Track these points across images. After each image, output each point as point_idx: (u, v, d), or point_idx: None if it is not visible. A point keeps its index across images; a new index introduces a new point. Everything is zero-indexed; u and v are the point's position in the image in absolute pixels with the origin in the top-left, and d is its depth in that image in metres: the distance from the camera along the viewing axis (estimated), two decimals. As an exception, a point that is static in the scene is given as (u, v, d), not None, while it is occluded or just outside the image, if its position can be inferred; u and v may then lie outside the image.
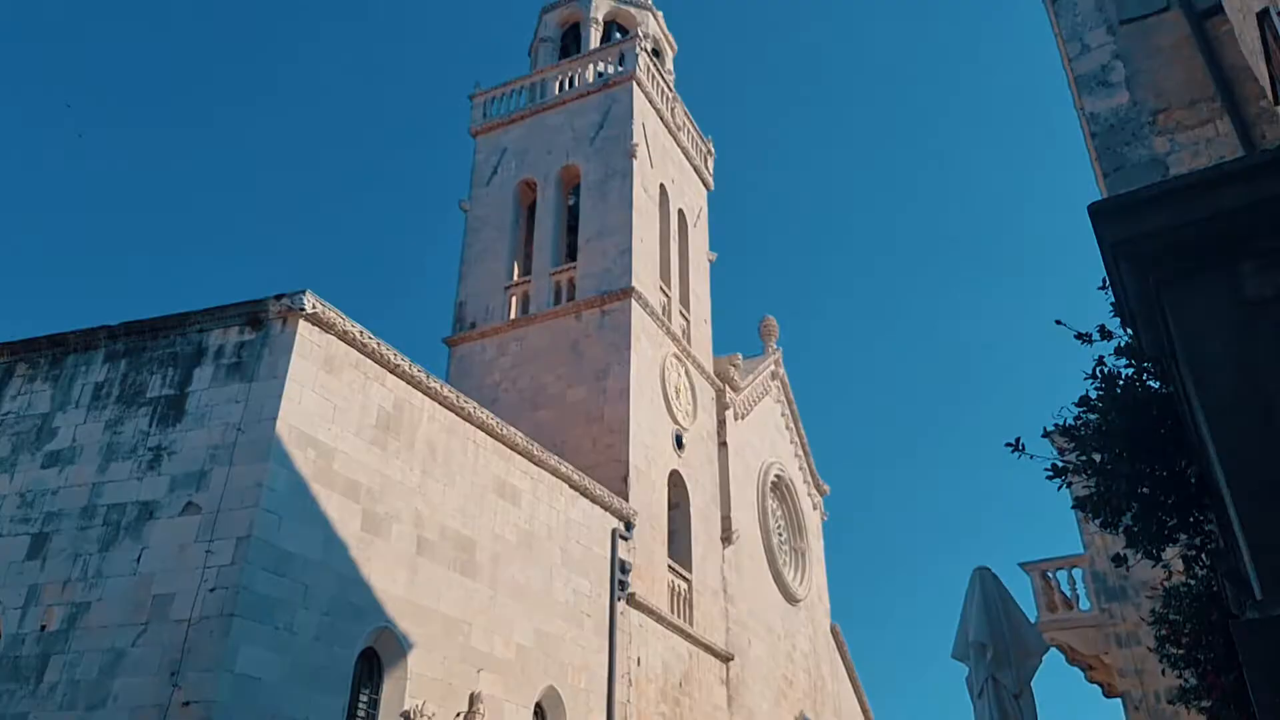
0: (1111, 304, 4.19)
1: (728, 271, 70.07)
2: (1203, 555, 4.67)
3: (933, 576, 65.59)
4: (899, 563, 68.03)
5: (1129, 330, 4.04)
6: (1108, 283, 3.80)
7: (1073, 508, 4.91)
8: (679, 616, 18.60)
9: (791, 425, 27.56)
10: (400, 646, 11.66)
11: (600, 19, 26.10)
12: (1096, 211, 2.93)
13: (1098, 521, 4.58)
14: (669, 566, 18.72)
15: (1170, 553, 4.73)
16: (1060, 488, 4.80)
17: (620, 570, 16.41)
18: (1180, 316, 2.90)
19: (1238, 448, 2.69)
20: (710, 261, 25.40)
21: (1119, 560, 4.88)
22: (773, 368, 26.68)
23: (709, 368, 23.10)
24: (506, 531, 14.09)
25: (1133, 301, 3.17)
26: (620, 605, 16.25)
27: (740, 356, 24.34)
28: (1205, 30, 9.41)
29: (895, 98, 78.41)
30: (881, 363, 75.89)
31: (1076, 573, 14.37)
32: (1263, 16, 6.58)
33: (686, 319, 22.94)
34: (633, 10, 26.51)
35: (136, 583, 10.29)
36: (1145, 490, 4.26)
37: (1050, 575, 14.64)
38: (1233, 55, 9.06)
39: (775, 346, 27.22)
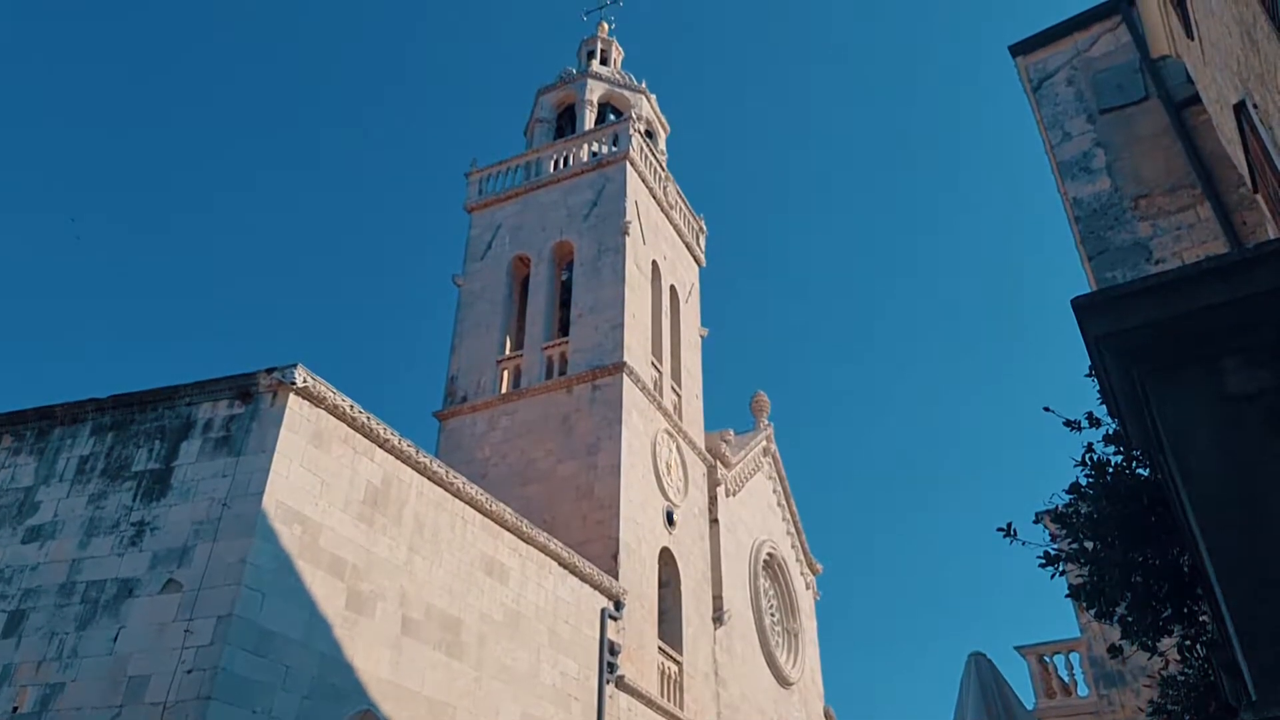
0: (1099, 391, 4.21)
1: (720, 347, 70.32)
2: (1198, 646, 4.61)
3: (928, 658, 64.49)
4: (893, 644, 66.96)
5: (1116, 419, 4.06)
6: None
7: (1067, 596, 4.86)
8: (669, 700, 18.19)
9: (784, 502, 27.38)
10: (382, 731, 11.35)
11: (595, 101, 26.71)
12: (1080, 306, 2.97)
13: (1092, 612, 4.53)
14: (659, 648, 18.38)
15: (1166, 642, 4.67)
16: (1053, 576, 4.76)
17: (609, 652, 16.10)
18: (1165, 410, 2.92)
19: (1227, 545, 2.68)
20: (702, 337, 25.53)
21: (1114, 651, 4.82)
22: (764, 443, 26.60)
23: (700, 443, 23.03)
24: (493, 611, 13.85)
25: (1118, 393, 3.19)
26: (609, 689, 15.90)
27: (732, 432, 24.30)
28: (1184, 119, 9.67)
29: (888, 175, 79.90)
30: (874, 440, 75.81)
31: (1074, 657, 14.14)
32: (1239, 108, 6.76)
33: (678, 394, 22.95)
34: (627, 93, 27.14)
35: (112, 663, 10.04)
36: (1138, 579, 4.23)
37: (1047, 659, 14.40)
38: (1211, 143, 9.29)
39: (767, 422, 27.19)
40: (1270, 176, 6.45)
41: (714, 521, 22.45)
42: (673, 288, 24.39)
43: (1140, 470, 4.32)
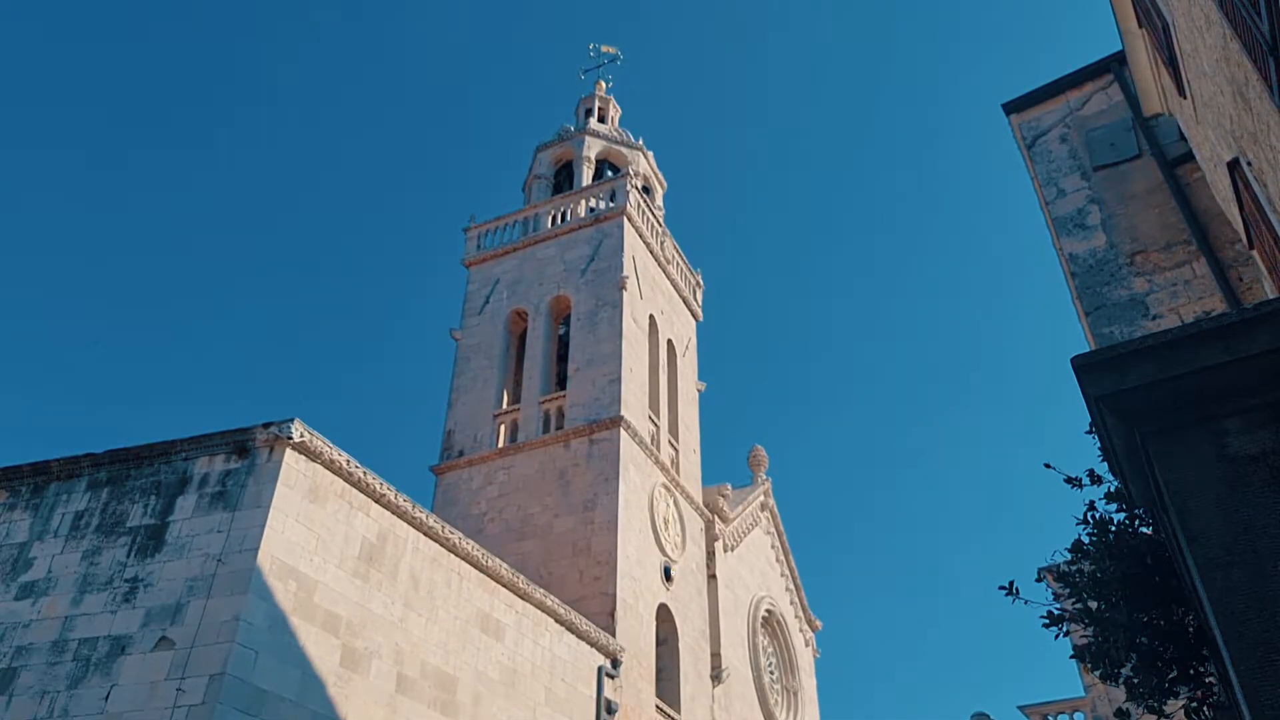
0: (1100, 448, 4.20)
1: (717, 401, 70.29)
2: (1205, 708, 4.54)
3: (930, 718, 63.40)
4: (895, 703, 65.87)
5: (1118, 477, 4.04)
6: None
7: (1071, 657, 4.80)
8: (667, 760, 17.84)
9: (782, 558, 27.13)
10: (375, 794, 11.10)
11: (593, 158, 27.02)
12: (1080, 366, 2.97)
13: (1097, 673, 4.47)
14: (657, 706, 18.07)
15: (1173, 705, 4.60)
16: (1057, 637, 4.70)
17: (606, 711, 15.83)
18: (1168, 471, 2.91)
19: (1232, 608, 2.65)
20: (699, 391, 25.52)
21: (1121, 715, 4.74)
22: (762, 498, 26.44)
23: (698, 498, 22.88)
24: (489, 669, 13.64)
25: (1119, 452, 3.18)
26: (606, 748, 15.60)
27: (729, 487, 24.15)
28: (1177, 177, 9.77)
29: (886, 229, 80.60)
30: (873, 496, 75.43)
31: (1079, 717, 13.92)
32: (1233, 165, 6.85)
33: (675, 448, 22.87)
34: (624, 150, 27.48)
35: (102, 724, 9.85)
36: (1144, 641, 4.17)
37: (1051, 719, 14.18)
38: (1205, 200, 9.39)
39: (764, 477, 27.05)
40: (1265, 233, 6.52)
41: (712, 577, 22.22)
42: (670, 342, 24.43)
43: (1143, 529, 4.29)
